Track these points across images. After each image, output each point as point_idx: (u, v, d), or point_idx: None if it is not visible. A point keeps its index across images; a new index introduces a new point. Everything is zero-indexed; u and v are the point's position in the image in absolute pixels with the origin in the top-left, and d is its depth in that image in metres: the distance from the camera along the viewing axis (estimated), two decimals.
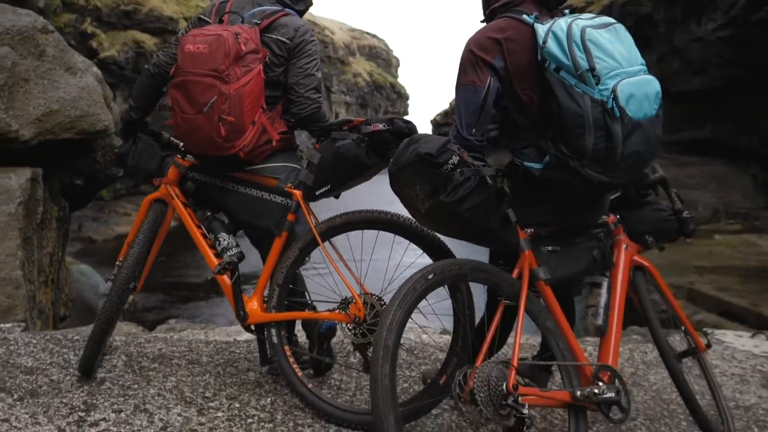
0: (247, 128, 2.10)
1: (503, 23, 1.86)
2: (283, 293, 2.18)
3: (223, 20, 2.24)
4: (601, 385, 1.69)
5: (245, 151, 2.13)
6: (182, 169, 2.37)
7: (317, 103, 2.30)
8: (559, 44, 1.69)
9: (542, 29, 1.75)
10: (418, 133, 2.03)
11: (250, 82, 2.08)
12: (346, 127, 2.17)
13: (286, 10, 2.32)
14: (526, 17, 1.83)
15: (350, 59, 67.77)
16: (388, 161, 2.00)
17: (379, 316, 2.00)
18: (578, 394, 1.67)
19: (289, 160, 2.32)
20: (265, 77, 2.17)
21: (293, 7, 2.39)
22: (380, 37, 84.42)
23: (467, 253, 2.00)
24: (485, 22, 2.01)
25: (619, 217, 2.18)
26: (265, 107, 2.21)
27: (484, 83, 1.81)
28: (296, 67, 2.28)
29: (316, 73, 2.32)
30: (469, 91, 1.83)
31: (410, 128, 2.11)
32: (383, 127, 2.10)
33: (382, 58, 79.32)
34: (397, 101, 75.05)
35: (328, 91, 53.02)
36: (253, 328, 2.25)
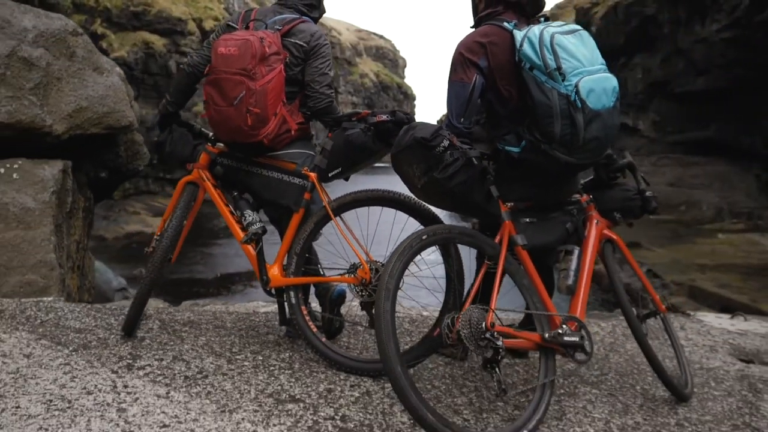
0: (270, 119, 2.45)
1: (487, 29, 2.21)
2: (300, 261, 2.53)
3: (249, 27, 2.60)
4: (566, 329, 2.02)
5: (268, 138, 2.48)
6: (212, 155, 2.72)
7: (330, 97, 2.65)
8: (532, 47, 2.03)
9: (519, 35, 2.09)
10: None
11: (273, 79, 2.43)
12: (354, 118, 2.53)
13: (303, 17, 2.68)
14: (506, 24, 2.18)
15: (357, 60, 68.04)
16: (390, 147, 2.34)
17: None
18: (547, 336, 2.01)
19: (305, 147, 2.68)
20: (285, 75, 2.52)
21: (309, 14, 2.75)
22: (387, 37, 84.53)
23: None
24: (474, 27, 2.36)
25: (591, 196, 2.52)
26: (285, 101, 2.55)
27: (470, 80, 2.15)
28: (312, 66, 2.63)
29: (329, 71, 2.67)
30: (458, 86, 2.18)
31: (409, 119, 2.45)
32: (386, 117, 2.45)
33: (388, 58, 79.52)
34: (403, 102, 75.18)
35: (334, 91, 53.23)
36: (273, 291, 2.60)
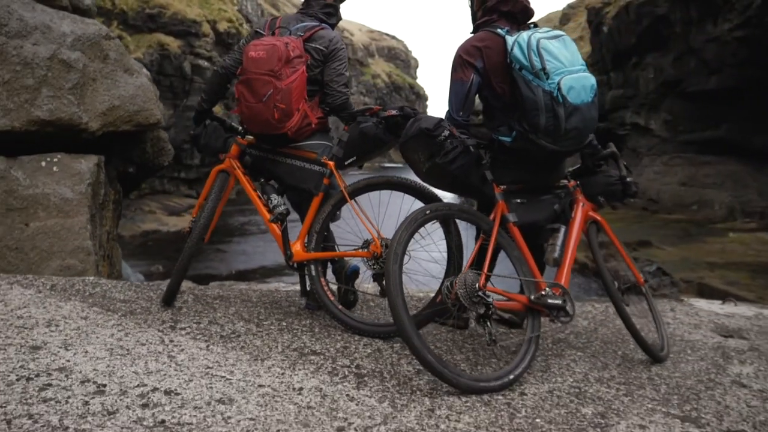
0: (294, 113, 2.80)
1: (483, 35, 2.55)
2: (320, 238, 2.89)
3: (275, 33, 2.95)
4: (550, 293, 2.35)
5: (292, 131, 2.83)
6: (242, 146, 3.08)
7: (346, 95, 3.00)
8: (521, 51, 2.36)
9: (510, 40, 2.42)
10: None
11: (296, 79, 2.78)
12: (367, 113, 2.88)
13: (322, 24, 3.03)
14: (499, 31, 2.51)
15: (369, 60, 68.41)
16: (399, 138, 2.68)
17: None
18: (533, 297, 2.34)
19: (324, 138, 3.03)
20: (307, 75, 2.87)
21: (327, 21, 3.10)
22: (399, 38, 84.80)
23: None
24: (473, 33, 2.69)
25: (578, 182, 2.84)
26: (306, 98, 2.90)
27: (468, 79, 2.49)
28: (330, 68, 2.98)
29: (345, 72, 3.02)
30: (458, 84, 2.52)
31: (416, 114, 2.79)
32: (396, 112, 2.79)
33: (400, 59, 79.78)
34: (416, 102, 75.39)
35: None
36: (296, 265, 2.95)
